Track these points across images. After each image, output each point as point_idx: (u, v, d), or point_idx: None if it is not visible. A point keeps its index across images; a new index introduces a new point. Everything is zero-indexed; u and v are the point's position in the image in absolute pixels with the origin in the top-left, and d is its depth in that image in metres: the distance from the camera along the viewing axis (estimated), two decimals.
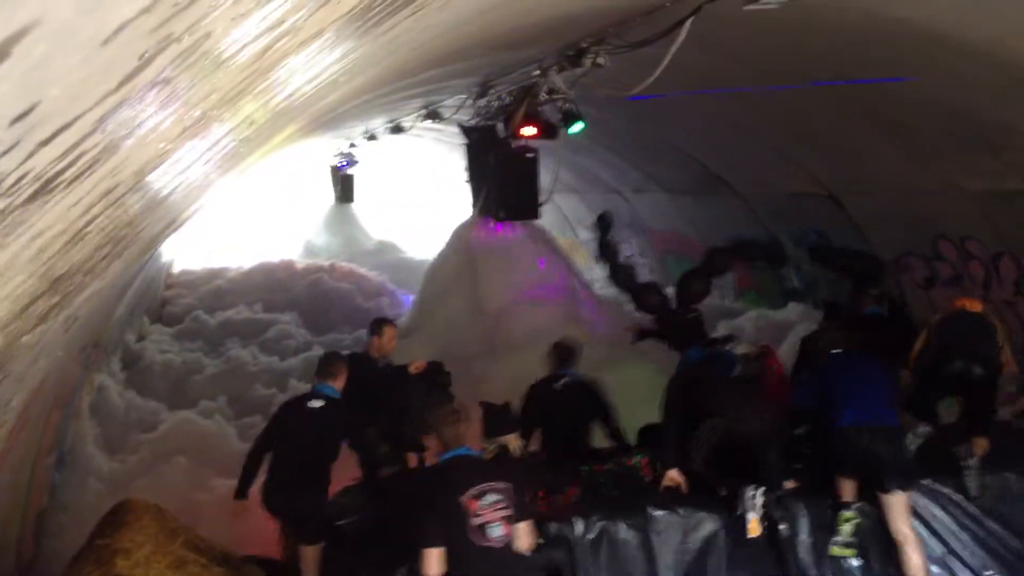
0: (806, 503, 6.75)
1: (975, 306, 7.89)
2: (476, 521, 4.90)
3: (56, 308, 3.97)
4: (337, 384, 7.02)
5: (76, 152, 1.93)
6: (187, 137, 2.95)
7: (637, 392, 8.39)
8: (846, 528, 6.62)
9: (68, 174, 2.02)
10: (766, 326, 13.56)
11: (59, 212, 2.29)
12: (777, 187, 12.76)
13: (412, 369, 8.08)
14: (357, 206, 26.54)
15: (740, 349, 7.61)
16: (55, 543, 8.10)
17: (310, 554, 6.64)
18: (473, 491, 4.95)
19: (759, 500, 6.41)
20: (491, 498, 4.97)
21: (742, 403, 6.87)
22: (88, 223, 2.74)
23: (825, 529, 6.70)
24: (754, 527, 6.41)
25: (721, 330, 13.60)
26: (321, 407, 6.85)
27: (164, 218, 5.44)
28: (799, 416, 7.45)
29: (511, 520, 4.98)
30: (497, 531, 4.93)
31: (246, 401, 13.07)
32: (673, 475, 6.82)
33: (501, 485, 5.04)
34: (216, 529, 7.31)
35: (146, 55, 1.73)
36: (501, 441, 6.36)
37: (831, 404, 6.87)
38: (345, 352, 8.24)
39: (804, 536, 6.70)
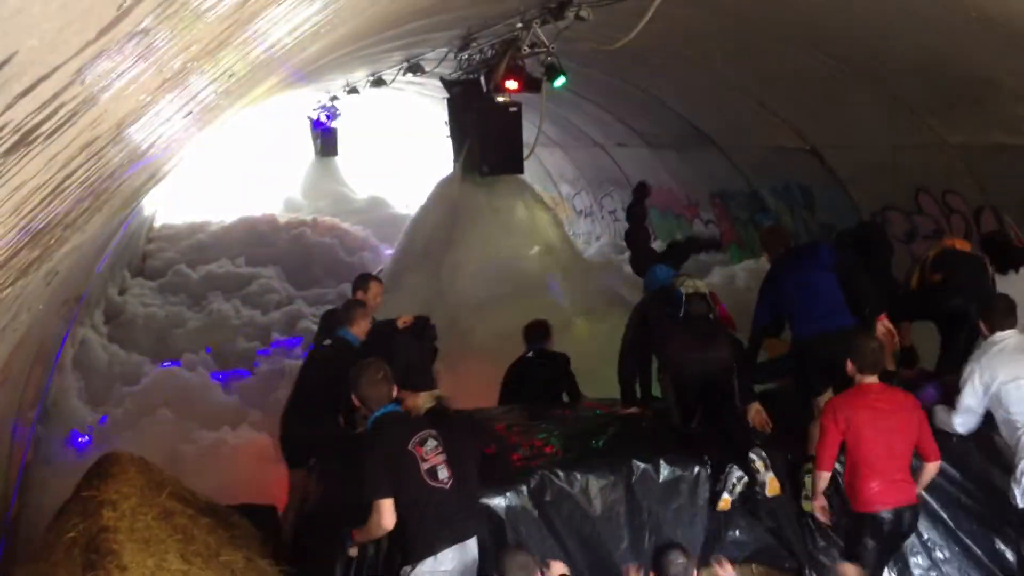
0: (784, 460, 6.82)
1: (964, 246, 7.91)
2: (425, 466, 5.16)
3: (37, 262, 3.95)
4: (355, 329, 7.23)
5: (55, 104, 1.92)
6: (166, 89, 2.93)
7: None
8: (807, 481, 6.58)
9: (47, 126, 2.00)
10: (758, 274, 13.56)
11: (38, 165, 2.28)
12: (759, 141, 12.77)
13: (400, 324, 8.10)
14: (340, 160, 26.37)
15: (687, 287, 7.23)
16: (40, 496, 8.12)
17: (295, 479, 6.95)
18: (416, 438, 5.23)
19: (739, 486, 6.45)
20: (432, 443, 5.26)
21: (693, 346, 6.90)
22: (68, 176, 2.73)
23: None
24: (725, 504, 6.46)
25: (717, 276, 13.71)
26: (329, 344, 7.17)
27: (145, 171, 5.40)
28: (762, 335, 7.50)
29: (449, 463, 5.25)
30: (444, 472, 5.21)
31: (229, 354, 13.10)
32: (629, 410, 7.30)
33: (434, 431, 5.35)
34: (201, 479, 7.37)
35: (124, 5, 1.71)
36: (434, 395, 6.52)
37: (787, 316, 7.11)
38: (330, 307, 8.28)
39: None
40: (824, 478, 6.13)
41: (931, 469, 6.08)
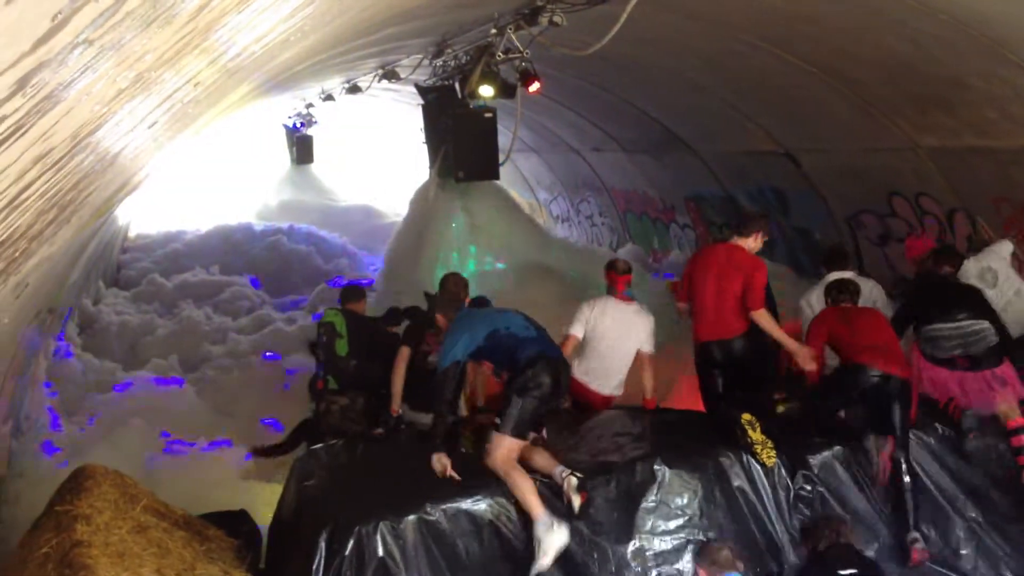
0: None
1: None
2: None
3: (3, 275, 3.91)
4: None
5: None
6: (125, 99, 2.88)
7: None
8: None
9: None
10: None
11: None
12: (733, 145, 12.80)
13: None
14: (316, 167, 26.31)
15: None
16: (13, 510, 8.04)
17: None
18: None
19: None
20: None
21: None
22: (24, 188, 2.68)
23: None
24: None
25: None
26: None
27: (114, 182, 5.35)
28: None
29: None
30: None
31: (197, 359, 13.07)
32: None
33: None
34: (175, 490, 7.31)
35: (60, 15, 1.68)
36: None
37: None
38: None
39: None
40: None
41: None
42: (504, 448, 6.05)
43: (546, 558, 5.85)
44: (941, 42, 7.80)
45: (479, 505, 6.14)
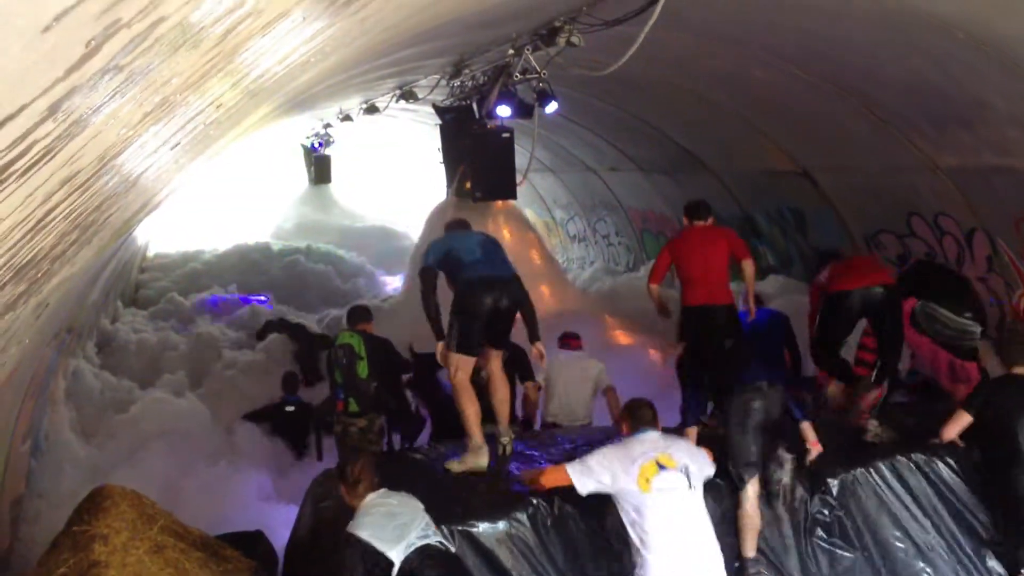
0: None
1: None
2: None
3: (24, 296, 3.92)
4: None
5: (27, 141, 1.89)
6: (150, 122, 2.90)
7: None
8: None
9: (20, 164, 1.98)
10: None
11: (16, 201, 2.25)
12: (751, 164, 12.78)
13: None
14: (334, 187, 26.40)
15: None
16: (32, 530, 8.05)
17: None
18: None
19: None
20: None
21: None
22: (50, 211, 2.70)
23: None
24: None
25: None
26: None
27: (135, 203, 5.37)
28: None
29: None
30: None
31: (212, 375, 13.14)
32: None
33: None
34: (192, 511, 7.31)
35: (93, 42, 1.69)
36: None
37: None
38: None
39: None
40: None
41: None
42: (454, 364, 6.64)
43: (459, 467, 6.75)
44: (961, 62, 7.78)
45: (496, 527, 6.11)
